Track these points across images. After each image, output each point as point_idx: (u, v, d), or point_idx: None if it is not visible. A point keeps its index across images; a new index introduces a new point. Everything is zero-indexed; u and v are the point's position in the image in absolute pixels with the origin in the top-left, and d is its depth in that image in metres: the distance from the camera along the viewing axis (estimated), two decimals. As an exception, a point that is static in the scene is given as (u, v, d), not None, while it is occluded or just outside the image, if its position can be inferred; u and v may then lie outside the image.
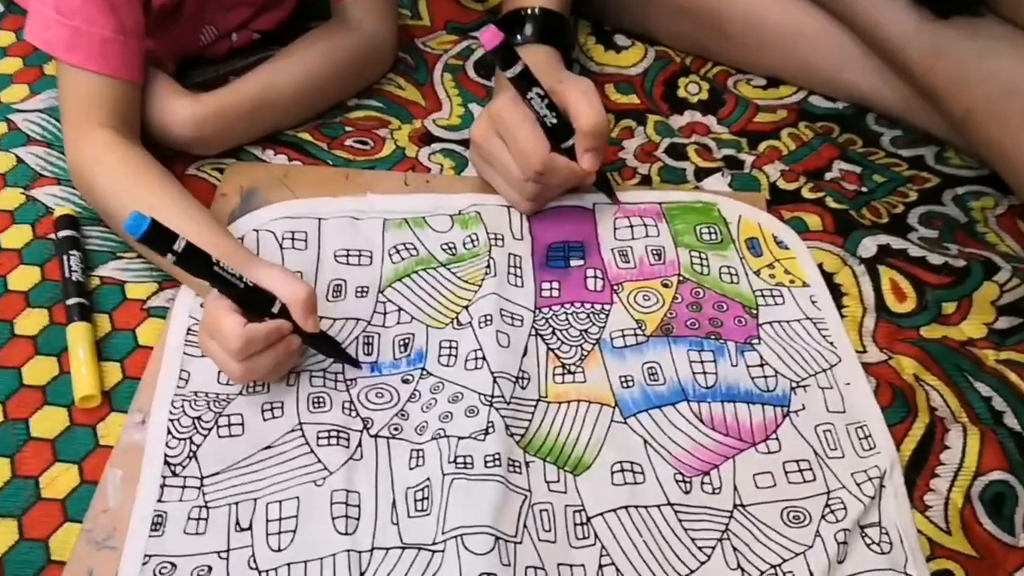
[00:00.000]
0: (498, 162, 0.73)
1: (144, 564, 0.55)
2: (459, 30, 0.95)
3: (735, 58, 0.90)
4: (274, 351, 0.60)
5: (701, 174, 0.83)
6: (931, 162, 0.84)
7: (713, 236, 0.76)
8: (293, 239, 0.72)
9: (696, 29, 0.89)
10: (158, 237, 0.54)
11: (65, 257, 0.70)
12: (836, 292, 0.73)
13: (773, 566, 0.57)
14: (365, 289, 0.70)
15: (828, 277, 0.74)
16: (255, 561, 0.56)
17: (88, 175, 0.70)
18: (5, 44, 0.90)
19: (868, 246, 0.76)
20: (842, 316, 0.71)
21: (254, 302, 0.59)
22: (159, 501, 0.58)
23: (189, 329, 0.67)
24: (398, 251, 0.73)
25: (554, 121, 0.69)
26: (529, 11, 0.77)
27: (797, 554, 0.57)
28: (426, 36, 0.94)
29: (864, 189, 0.81)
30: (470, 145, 0.76)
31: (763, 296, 0.72)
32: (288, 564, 0.55)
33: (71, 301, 0.68)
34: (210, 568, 0.55)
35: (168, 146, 0.77)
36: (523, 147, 0.69)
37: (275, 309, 0.60)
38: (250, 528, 0.57)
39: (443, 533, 0.56)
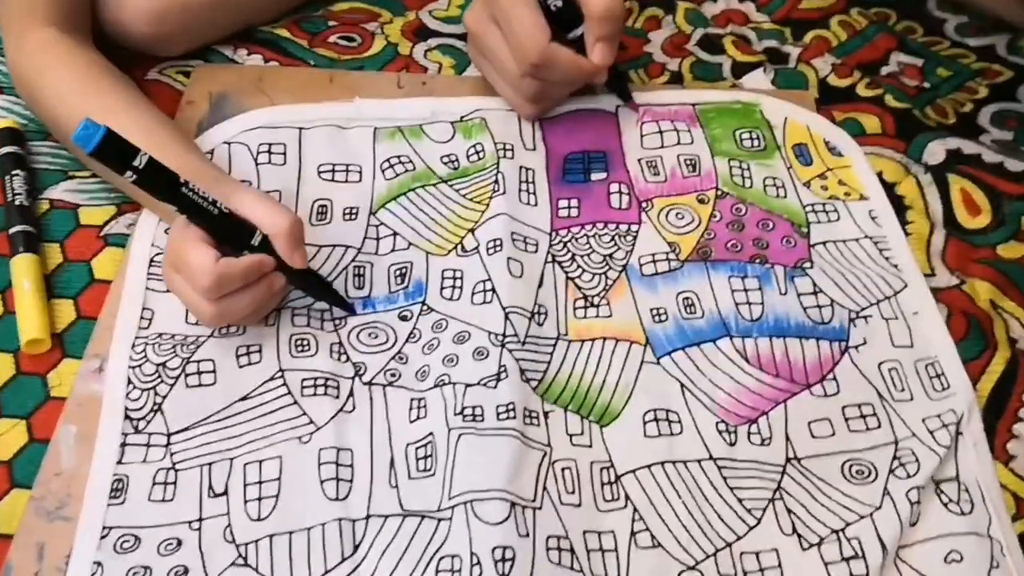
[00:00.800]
0: (493, 54, 0.67)
1: (103, 537, 0.51)
2: None
3: None
4: (253, 290, 0.56)
5: (739, 70, 0.78)
6: (1003, 52, 0.80)
7: (755, 142, 0.70)
8: (270, 153, 0.67)
9: None
10: (114, 150, 0.49)
11: (8, 178, 0.66)
12: (899, 205, 0.68)
13: (835, 531, 0.51)
14: (354, 210, 0.65)
15: (889, 188, 0.69)
16: (231, 533, 0.51)
17: (31, 81, 0.66)
18: None
19: (935, 151, 0.71)
20: (906, 234, 0.66)
21: (230, 232, 0.55)
22: (119, 463, 0.54)
23: (152, 260, 0.62)
24: (391, 165, 0.68)
25: (559, 4, 0.62)
26: None
27: (862, 516, 0.52)
28: None
29: (927, 85, 0.77)
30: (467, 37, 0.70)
31: (815, 212, 0.66)
32: (270, 536, 0.51)
33: (15, 229, 0.64)
34: (180, 542, 0.51)
35: (124, 45, 0.73)
36: (519, 35, 0.63)
37: (255, 241, 0.55)
38: (225, 493, 0.53)
39: (449, 498, 0.51)
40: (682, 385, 0.57)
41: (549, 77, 0.65)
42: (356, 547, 0.50)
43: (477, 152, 0.67)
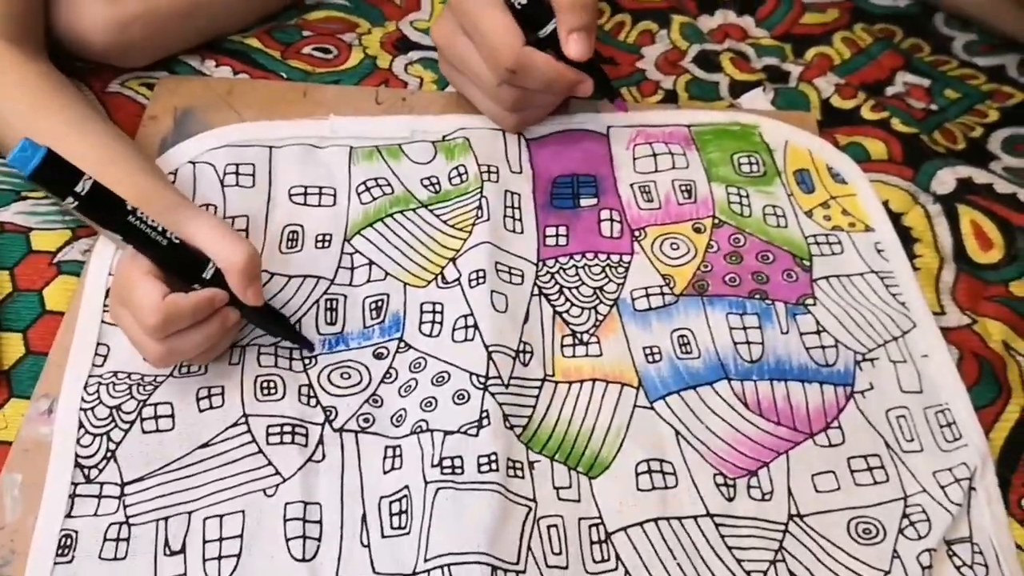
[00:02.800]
0: (466, 65, 0.64)
1: None
2: None
3: None
4: (203, 329, 0.53)
5: (737, 89, 0.76)
6: (1013, 73, 0.78)
7: (754, 167, 0.68)
8: (238, 173, 0.64)
9: None
10: (55, 173, 0.46)
11: None
12: (906, 238, 0.66)
13: None
14: (327, 237, 0.63)
15: (896, 219, 0.67)
16: None
17: None
18: None
19: (944, 179, 0.69)
20: (914, 268, 0.64)
21: (180, 264, 0.52)
22: (68, 516, 0.51)
23: (109, 291, 0.58)
24: (368, 188, 0.65)
25: (523, 1, 0.59)
26: None
27: None
28: None
29: (935, 107, 0.75)
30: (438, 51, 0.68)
31: (817, 244, 0.64)
32: None
33: None
34: None
35: (83, 57, 0.70)
36: (490, 41, 0.60)
37: (207, 274, 0.53)
38: (183, 551, 0.50)
39: (425, 561, 0.48)
40: (677, 432, 0.54)
41: (527, 83, 0.62)
42: None
43: (460, 174, 0.64)
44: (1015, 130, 0.73)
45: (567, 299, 0.59)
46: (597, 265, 0.61)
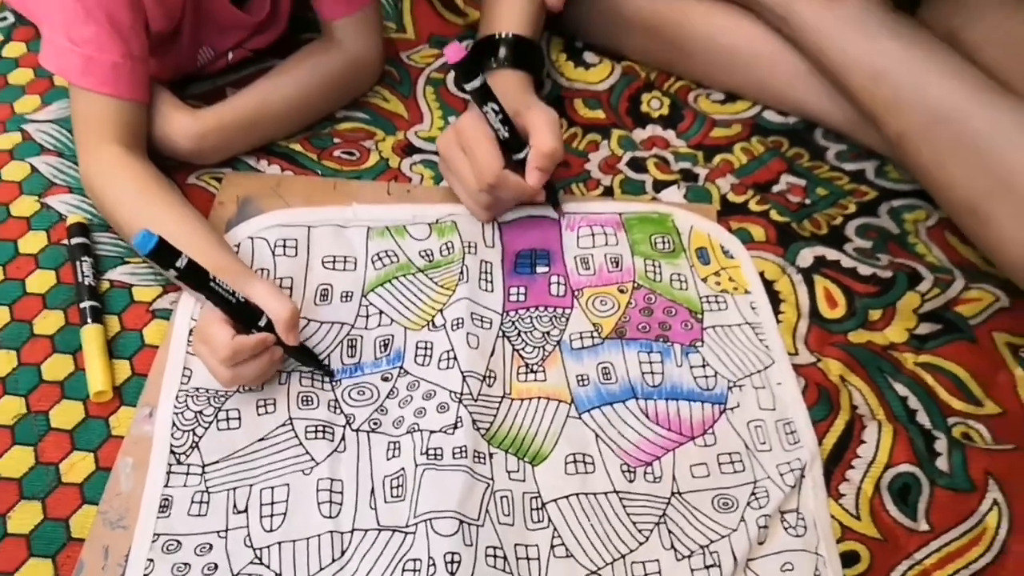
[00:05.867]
0: (458, 172, 0.77)
1: (153, 542, 0.61)
2: (441, 43, 0.99)
3: (696, 74, 0.95)
4: (259, 361, 0.65)
5: (659, 186, 0.87)
6: (871, 176, 0.88)
7: (666, 245, 0.81)
8: (284, 246, 0.77)
9: (661, 47, 0.94)
10: (164, 254, 0.58)
11: (78, 262, 0.75)
12: (775, 299, 0.78)
13: (701, 547, 0.63)
14: (350, 294, 0.75)
15: (768, 285, 0.79)
16: (250, 540, 0.62)
17: (100, 188, 0.75)
18: (16, 55, 0.94)
19: (806, 256, 0.81)
20: (778, 321, 0.76)
21: (244, 316, 0.64)
22: (166, 486, 0.64)
23: (191, 330, 0.71)
24: (380, 258, 0.77)
25: (506, 135, 0.73)
26: (502, 36, 0.83)
27: (723, 536, 0.64)
28: (410, 49, 0.98)
29: (807, 201, 0.86)
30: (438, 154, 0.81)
31: (708, 302, 0.77)
32: (279, 543, 0.61)
33: (84, 304, 0.72)
34: (211, 546, 0.61)
35: (171, 157, 0.81)
36: (480, 161, 0.74)
37: (262, 323, 0.64)
38: (246, 511, 0.63)
39: (415, 517, 0.62)
40: (597, 435, 0.68)
41: (501, 195, 0.76)
42: (343, 552, 0.61)
43: (448, 248, 0.77)
44: (867, 220, 0.84)
45: (523, 340, 0.73)
46: (546, 316, 0.75)
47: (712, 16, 0.91)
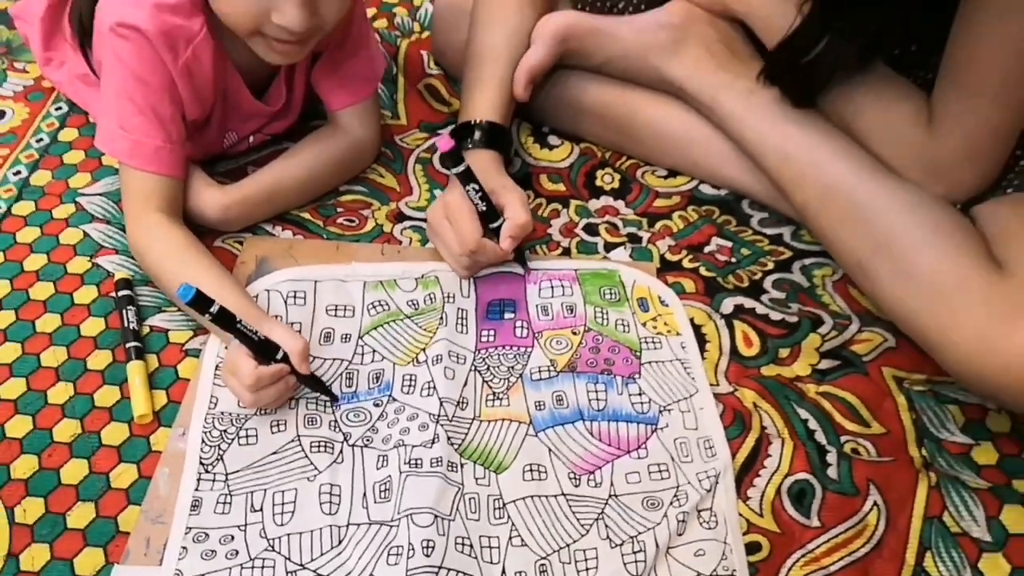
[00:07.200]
0: (443, 239, 0.89)
1: (186, 534, 0.71)
2: (429, 128, 1.12)
3: (643, 154, 1.09)
4: (276, 387, 0.75)
5: (609, 247, 0.96)
6: (787, 239, 0.99)
7: (613, 296, 0.91)
8: (295, 297, 0.87)
9: (614, 131, 1.08)
10: (200, 302, 0.68)
11: (124, 311, 0.84)
12: (701, 340, 0.88)
13: (631, 537, 0.75)
14: (348, 336, 0.85)
15: (697, 328, 0.89)
16: (264, 532, 0.72)
17: (144, 248, 0.85)
18: (70, 139, 1.07)
19: (728, 305, 0.92)
20: (704, 358, 0.87)
21: (264, 350, 0.73)
22: (196, 490, 0.73)
23: (217, 366, 0.81)
24: (374, 307, 0.88)
25: (483, 209, 0.86)
26: (477, 122, 0.97)
27: (649, 529, 0.74)
28: (403, 133, 1.10)
29: (733, 260, 0.96)
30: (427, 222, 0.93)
31: (646, 342, 0.88)
32: (288, 534, 0.72)
33: (129, 345, 0.82)
34: (232, 536, 0.71)
35: (200, 224, 0.91)
36: (463, 231, 0.86)
37: (279, 356, 0.74)
38: (261, 509, 0.73)
39: (398, 513, 0.72)
40: (550, 450, 0.78)
41: (479, 258, 0.89)
42: (340, 541, 0.71)
43: (431, 299, 0.88)
44: (782, 275, 0.94)
45: (491, 373, 0.84)
46: (511, 353, 0.86)
47: (655, 106, 1.05)
